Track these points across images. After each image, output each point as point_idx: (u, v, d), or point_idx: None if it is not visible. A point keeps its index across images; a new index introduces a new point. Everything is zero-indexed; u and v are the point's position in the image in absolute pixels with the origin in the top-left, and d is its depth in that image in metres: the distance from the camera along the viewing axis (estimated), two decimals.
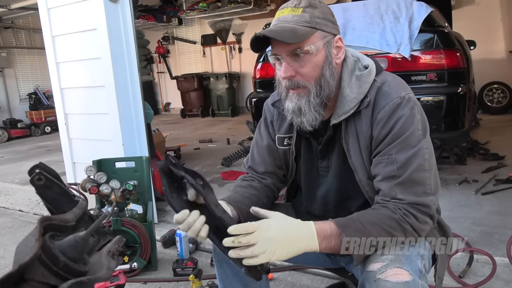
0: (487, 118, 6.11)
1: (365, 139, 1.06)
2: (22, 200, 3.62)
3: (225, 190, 3.35)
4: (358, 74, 1.08)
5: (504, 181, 3.00)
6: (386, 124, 1.02)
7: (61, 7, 2.79)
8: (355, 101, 1.06)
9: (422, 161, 0.99)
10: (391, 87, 1.05)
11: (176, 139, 6.06)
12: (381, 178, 1.02)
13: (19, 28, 8.74)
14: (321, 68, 1.04)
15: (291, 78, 1.05)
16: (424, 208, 0.98)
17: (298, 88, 1.06)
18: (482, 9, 6.65)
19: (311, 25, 1.02)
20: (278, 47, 1.04)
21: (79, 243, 0.53)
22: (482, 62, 6.16)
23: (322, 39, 1.04)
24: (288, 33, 1.00)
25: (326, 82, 1.05)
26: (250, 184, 1.24)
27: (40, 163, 0.72)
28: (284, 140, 1.24)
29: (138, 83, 2.68)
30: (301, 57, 1.03)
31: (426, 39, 2.81)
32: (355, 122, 1.07)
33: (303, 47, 1.01)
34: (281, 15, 1.05)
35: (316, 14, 1.03)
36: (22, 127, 8.12)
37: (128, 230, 2.11)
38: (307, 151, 1.22)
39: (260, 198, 1.23)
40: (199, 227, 0.94)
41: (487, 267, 1.89)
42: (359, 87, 1.06)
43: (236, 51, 9.21)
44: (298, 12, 1.03)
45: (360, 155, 1.08)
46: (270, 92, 1.36)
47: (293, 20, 1.02)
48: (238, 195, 1.19)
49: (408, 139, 1.00)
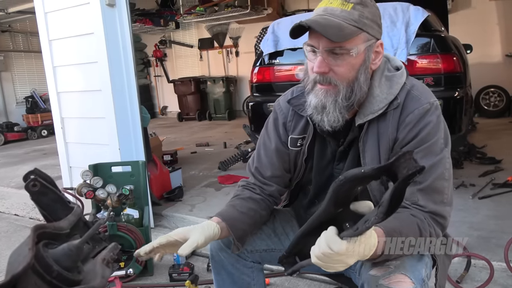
0: (484, 122, 6.13)
1: (388, 141, 1.04)
2: (17, 204, 3.59)
3: (222, 194, 3.34)
4: (388, 74, 1.06)
5: (501, 185, 3.00)
6: (413, 128, 1.00)
7: (58, 11, 2.79)
8: (385, 101, 1.03)
9: (444, 170, 0.99)
10: (420, 91, 1.04)
11: (173, 142, 6.05)
12: None
13: (17, 31, 8.73)
14: (357, 71, 1.00)
15: (324, 74, 1.00)
16: (441, 220, 0.98)
17: (328, 84, 1.01)
18: (478, 13, 6.69)
19: (358, 25, 0.97)
20: (318, 39, 0.98)
21: (73, 251, 0.52)
22: (479, 66, 6.19)
23: (365, 41, 0.99)
24: (333, 29, 0.94)
25: (359, 87, 1.01)
26: (250, 197, 1.20)
27: (35, 169, 0.71)
28: (297, 141, 1.20)
29: (135, 87, 2.68)
30: (339, 55, 0.98)
31: (422, 44, 2.82)
32: (378, 123, 1.05)
33: (345, 47, 0.97)
34: (329, 5, 0.99)
35: (366, 14, 0.98)
36: (19, 131, 8.08)
37: (124, 235, 2.10)
38: (321, 152, 1.18)
39: (258, 212, 1.19)
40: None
41: (485, 272, 1.88)
42: (389, 88, 1.04)
43: (233, 54, 9.22)
44: (348, 7, 0.97)
45: (377, 156, 1.05)
46: (267, 96, 1.34)
47: (341, 15, 0.96)
48: (235, 210, 1.15)
49: (433, 147, 0.99)
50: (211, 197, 3.29)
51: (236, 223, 1.12)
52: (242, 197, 1.20)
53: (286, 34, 3.32)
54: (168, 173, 3.36)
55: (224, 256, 1.22)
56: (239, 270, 1.24)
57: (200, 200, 3.23)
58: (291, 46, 3.27)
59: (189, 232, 1.03)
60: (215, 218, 1.12)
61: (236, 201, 1.20)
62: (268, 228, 1.27)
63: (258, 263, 1.27)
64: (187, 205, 3.12)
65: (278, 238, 1.28)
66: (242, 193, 1.23)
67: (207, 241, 1.03)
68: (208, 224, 1.07)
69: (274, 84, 3.42)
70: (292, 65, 3.34)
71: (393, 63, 1.10)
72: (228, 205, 1.19)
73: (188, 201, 3.21)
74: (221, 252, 1.22)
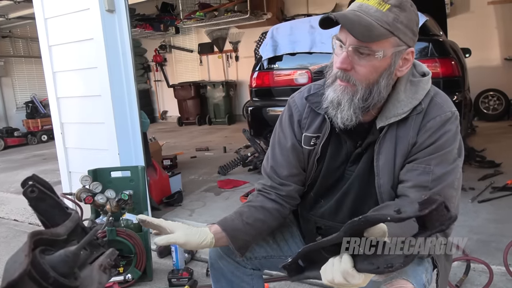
0: (483, 125, 6.14)
1: (407, 145, 1.03)
2: (17, 209, 3.59)
3: (222, 198, 3.34)
4: (413, 80, 1.06)
5: (500, 189, 3.00)
6: (433, 134, 1.01)
7: (58, 17, 2.80)
8: (410, 106, 1.03)
9: (454, 179, 1.00)
10: (443, 99, 1.05)
11: (173, 147, 6.06)
12: (412, 185, 1.01)
13: (17, 37, 8.78)
14: (379, 75, 0.99)
15: (345, 71, 0.99)
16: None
17: (347, 82, 1.00)
18: (477, 17, 6.72)
19: (390, 29, 0.95)
20: (346, 34, 0.97)
21: (70, 257, 0.52)
22: (478, 69, 6.21)
23: (395, 47, 0.97)
24: (362, 28, 0.93)
25: (378, 91, 1.00)
26: (262, 206, 1.17)
27: (34, 175, 0.71)
28: (311, 140, 1.17)
29: (135, 93, 2.69)
30: (364, 55, 0.96)
31: (421, 48, 2.84)
32: (397, 127, 1.04)
33: (371, 48, 0.95)
34: (365, 2, 0.97)
35: (401, 18, 0.95)
36: (19, 136, 8.09)
37: (123, 240, 2.10)
38: (335, 152, 1.15)
39: (266, 223, 1.16)
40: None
41: (484, 276, 1.88)
42: (414, 93, 1.04)
43: (233, 59, 9.25)
44: (384, 8, 0.94)
45: (392, 160, 1.05)
46: (266, 101, 1.34)
47: (375, 15, 0.94)
48: (240, 220, 1.12)
49: (448, 155, 1.00)
50: (211, 201, 3.29)
51: (238, 234, 1.10)
52: (253, 205, 1.17)
53: (285, 39, 3.35)
54: (167, 177, 3.36)
55: (223, 264, 1.21)
56: (239, 277, 1.23)
57: (200, 204, 3.23)
58: (290, 51, 3.29)
59: (179, 228, 1.03)
60: (215, 226, 1.10)
61: (245, 208, 1.16)
62: (267, 235, 1.26)
63: (257, 270, 1.26)
64: (187, 209, 3.12)
65: (278, 244, 1.27)
66: (255, 200, 1.19)
67: (189, 245, 1.03)
68: (203, 231, 1.06)
69: (273, 88, 3.43)
70: (291, 70, 3.36)
71: (419, 68, 1.10)
72: (236, 213, 1.16)
73: (187, 205, 3.21)
74: (220, 260, 1.21)
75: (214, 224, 1.11)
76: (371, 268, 0.77)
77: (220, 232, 1.08)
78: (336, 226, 1.17)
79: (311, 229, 1.25)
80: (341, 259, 0.80)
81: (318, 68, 3.20)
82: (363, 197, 1.13)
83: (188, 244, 1.02)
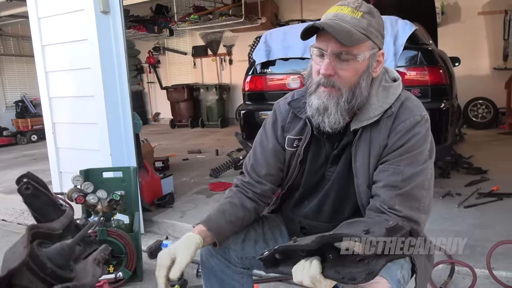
0: (472, 133, 6.24)
1: (379, 147, 1.09)
2: (5, 209, 3.57)
3: (213, 201, 3.35)
4: (385, 85, 1.12)
5: (486, 195, 3.06)
6: (403, 136, 1.06)
7: (52, 17, 2.81)
8: (381, 109, 1.09)
9: (424, 180, 1.04)
10: (414, 104, 1.10)
11: (165, 149, 6.05)
12: (383, 185, 1.06)
13: (8, 35, 8.70)
14: (360, 77, 1.06)
15: (329, 77, 1.04)
16: (414, 225, 1.01)
17: (331, 87, 1.06)
18: (467, 27, 6.84)
19: (366, 33, 1.03)
20: (327, 42, 1.03)
21: (66, 250, 0.54)
22: (467, 78, 6.31)
23: (370, 49, 1.05)
24: (344, 33, 0.99)
25: (360, 92, 1.06)
26: (242, 203, 1.23)
27: (28, 172, 0.73)
28: (294, 142, 1.23)
29: (128, 94, 2.70)
30: (345, 60, 1.03)
31: (410, 56, 2.89)
32: (371, 129, 1.10)
33: (352, 52, 1.02)
34: (340, 11, 1.04)
35: (373, 23, 1.04)
36: (8, 135, 8.01)
37: (114, 240, 2.10)
38: (316, 154, 1.21)
39: (245, 221, 1.24)
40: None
41: (468, 279, 1.93)
42: (385, 97, 1.10)
43: (226, 62, 9.28)
44: (358, 15, 1.03)
45: (367, 161, 1.10)
46: (259, 105, 1.37)
47: (351, 22, 1.02)
48: (223, 218, 1.18)
49: (418, 156, 1.05)
50: (202, 204, 3.31)
51: (222, 232, 1.16)
52: (234, 203, 1.22)
53: (278, 44, 3.38)
54: (159, 179, 3.37)
55: (214, 262, 1.24)
56: (229, 276, 1.26)
57: (191, 207, 3.24)
58: (283, 56, 3.33)
59: (176, 252, 1.05)
60: (200, 227, 1.14)
61: (227, 206, 1.22)
62: (257, 234, 1.30)
63: (247, 269, 1.29)
64: (178, 211, 3.12)
65: (267, 244, 1.30)
66: (234, 196, 1.25)
67: (192, 256, 1.06)
68: (190, 238, 1.10)
69: (266, 93, 3.46)
70: (284, 75, 3.39)
71: (391, 74, 1.16)
72: (218, 210, 1.20)
73: (179, 207, 3.22)
74: (211, 259, 1.24)
75: (198, 225, 1.16)
76: (336, 277, 0.84)
77: (205, 231, 1.13)
78: (319, 226, 1.23)
79: (296, 228, 1.31)
80: (311, 264, 0.87)
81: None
82: (343, 197, 1.19)
83: (192, 256, 1.07)
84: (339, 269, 0.84)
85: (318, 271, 0.86)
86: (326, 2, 5.85)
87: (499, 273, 1.93)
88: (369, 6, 1.06)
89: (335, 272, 0.85)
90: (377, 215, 1.03)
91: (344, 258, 0.85)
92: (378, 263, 0.80)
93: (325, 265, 0.87)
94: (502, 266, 1.98)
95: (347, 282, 0.82)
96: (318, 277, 0.86)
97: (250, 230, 1.29)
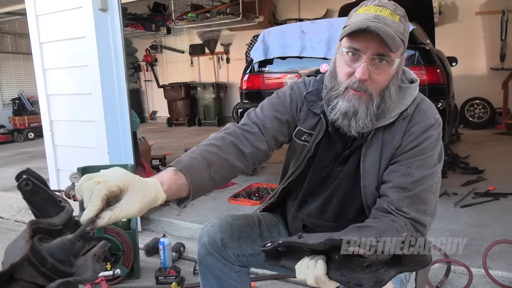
0: (468, 133, 6.27)
1: (392, 148, 1.08)
2: (2, 207, 3.56)
3: (210, 199, 3.36)
4: (402, 85, 1.11)
5: (482, 195, 3.08)
6: (416, 138, 1.06)
7: (50, 14, 2.80)
8: (397, 111, 1.08)
9: (433, 183, 1.04)
10: (428, 106, 1.10)
11: (162, 147, 6.04)
12: (392, 186, 1.05)
13: (5, 32, 8.66)
14: (390, 81, 1.04)
15: (364, 81, 1.01)
16: (420, 227, 1.03)
17: (364, 92, 1.02)
18: (465, 27, 6.87)
19: (403, 38, 1.00)
20: (367, 44, 0.98)
21: (67, 245, 0.55)
22: (464, 78, 6.34)
23: (402, 55, 1.04)
24: (391, 38, 0.96)
25: (389, 96, 1.05)
26: (232, 163, 1.05)
27: (28, 168, 0.73)
28: (303, 135, 1.18)
29: (125, 92, 2.69)
30: (382, 64, 1.00)
31: (408, 56, 2.90)
32: (384, 131, 1.09)
33: (391, 57, 1.00)
34: (380, 13, 0.99)
35: (406, 27, 1.03)
36: (5, 133, 7.98)
37: (111, 237, 2.10)
38: (325, 152, 1.18)
39: (227, 180, 1.07)
40: None
41: (464, 278, 1.94)
42: (402, 99, 1.09)
43: (224, 61, 9.28)
44: (396, 19, 1.00)
45: (377, 162, 1.09)
46: (256, 103, 1.32)
47: (392, 26, 0.98)
48: (207, 174, 0.98)
49: (429, 159, 1.05)
50: (199, 201, 3.30)
51: (200, 189, 0.97)
52: (224, 157, 1.03)
53: (276, 43, 3.39)
54: None
55: (211, 260, 1.23)
56: (226, 274, 1.25)
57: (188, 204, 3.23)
58: (280, 55, 3.33)
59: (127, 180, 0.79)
60: (172, 172, 0.92)
61: (214, 158, 1.01)
62: (254, 233, 1.29)
63: (244, 267, 1.29)
64: (175, 209, 3.12)
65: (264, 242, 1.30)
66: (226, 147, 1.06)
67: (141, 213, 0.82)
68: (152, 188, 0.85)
69: (263, 91, 3.46)
70: (282, 74, 3.40)
71: (407, 75, 1.15)
72: (204, 159, 0.98)
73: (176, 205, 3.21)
74: (208, 257, 1.23)
75: (177, 172, 0.93)
76: (341, 280, 0.82)
77: (182, 183, 0.93)
78: (322, 225, 1.21)
79: (298, 226, 1.29)
80: (316, 263, 0.84)
81: (307, 72, 3.25)
82: (348, 198, 1.17)
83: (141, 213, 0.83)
84: (345, 272, 0.83)
85: (323, 272, 0.84)
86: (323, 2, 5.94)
87: (495, 272, 1.95)
88: (403, 10, 1.03)
89: (340, 274, 0.83)
90: (383, 215, 1.03)
91: (350, 261, 0.84)
92: (387, 273, 0.79)
93: (330, 266, 0.85)
94: (498, 266, 2.00)
95: (353, 286, 0.80)
96: (323, 278, 0.83)
97: (247, 229, 1.28)
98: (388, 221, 1.00)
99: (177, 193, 0.94)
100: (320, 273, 0.83)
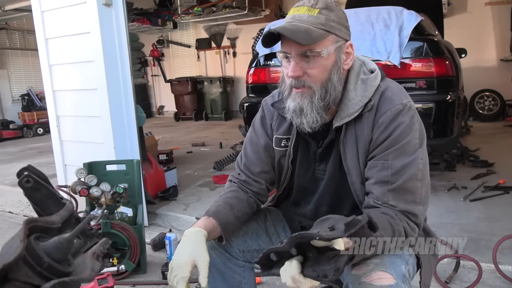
0: (478, 125, 6.18)
1: (364, 142, 1.07)
2: (12, 201, 3.60)
3: (216, 194, 3.35)
4: (363, 77, 1.09)
5: (492, 188, 3.03)
6: (386, 128, 1.03)
7: (55, 10, 2.80)
8: (360, 104, 1.06)
9: (416, 171, 1.01)
10: (394, 93, 1.07)
11: (169, 142, 6.06)
12: (374, 182, 1.03)
13: (13, 29, 8.71)
14: (329, 72, 1.04)
15: (298, 78, 1.04)
16: (412, 217, 1.01)
17: (303, 87, 1.05)
18: (474, 18, 6.75)
19: (326, 28, 1.02)
20: (289, 45, 1.03)
21: (64, 244, 0.54)
22: (474, 70, 6.25)
23: (334, 43, 1.04)
24: (302, 33, 0.99)
25: (333, 87, 1.05)
26: (248, 201, 1.23)
27: (29, 165, 0.73)
28: (281, 141, 1.22)
29: (131, 87, 2.69)
30: (311, 58, 1.02)
31: (415, 47, 2.85)
32: (355, 125, 1.08)
33: (315, 49, 1.01)
34: (297, 13, 1.04)
35: (332, 17, 1.03)
36: (14, 128, 8.06)
37: (118, 232, 2.11)
38: (305, 153, 1.20)
39: (249, 216, 1.24)
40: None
41: (473, 273, 1.91)
42: (364, 91, 1.07)
43: (230, 55, 9.24)
44: (314, 12, 1.02)
45: (356, 158, 1.08)
46: (262, 97, 1.35)
47: (308, 20, 1.01)
48: (231, 214, 1.16)
49: (405, 147, 1.02)
50: (206, 196, 3.31)
51: (229, 227, 1.15)
52: (240, 198, 1.21)
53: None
54: (163, 172, 3.37)
55: (216, 254, 1.23)
56: (231, 269, 1.25)
57: (195, 199, 3.24)
58: None
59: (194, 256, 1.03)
60: (207, 220, 1.12)
61: (234, 200, 1.19)
62: (260, 228, 1.29)
63: (249, 263, 1.29)
64: (182, 204, 3.13)
65: (269, 238, 1.30)
66: (238, 190, 1.24)
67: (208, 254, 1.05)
68: (199, 235, 1.07)
69: (269, 85, 3.44)
70: None
71: (368, 66, 1.13)
72: (226, 204, 1.18)
73: (182, 200, 3.23)
74: (213, 251, 1.22)
75: (208, 218, 1.12)
76: (313, 276, 0.84)
77: (213, 225, 1.11)
78: None
79: (296, 227, 1.30)
80: (291, 264, 0.88)
81: None
82: (339, 196, 1.17)
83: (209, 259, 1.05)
84: (316, 267, 0.84)
85: (297, 271, 0.86)
86: None
87: (505, 267, 1.92)
88: (326, 2, 1.04)
89: (312, 270, 0.85)
90: (373, 210, 1.02)
91: (322, 256, 0.85)
92: (341, 259, 0.80)
93: (306, 265, 0.87)
94: (508, 261, 1.96)
95: (321, 279, 0.83)
96: (297, 277, 0.86)
97: (253, 224, 1.28)
98: (378, 213, 0.99)
99: (212, 233, 1.12)
100: (294, 273, 0.86)
